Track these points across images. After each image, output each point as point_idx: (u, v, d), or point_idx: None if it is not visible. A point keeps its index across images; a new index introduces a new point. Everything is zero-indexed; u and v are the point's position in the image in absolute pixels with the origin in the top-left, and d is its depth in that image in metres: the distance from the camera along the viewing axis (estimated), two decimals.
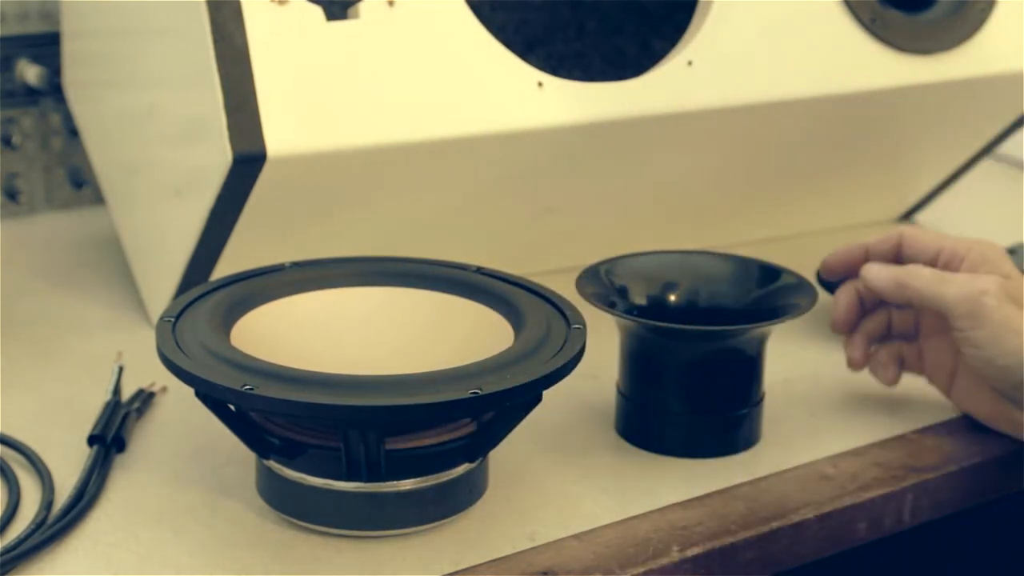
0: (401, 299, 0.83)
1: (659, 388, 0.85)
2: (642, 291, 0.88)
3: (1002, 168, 1.41)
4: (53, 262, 1.13)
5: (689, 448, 0.85)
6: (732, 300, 0.88)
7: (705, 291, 0.89)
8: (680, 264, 0.90)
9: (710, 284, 0.89)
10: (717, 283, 0.89)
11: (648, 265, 0.89)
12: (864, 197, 1.23)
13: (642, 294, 0.88)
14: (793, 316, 0.84)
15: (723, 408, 0.85)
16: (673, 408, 0.85)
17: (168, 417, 0.88)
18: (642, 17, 1.20)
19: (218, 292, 0.80)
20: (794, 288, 0.87)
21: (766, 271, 0.89)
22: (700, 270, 0.90)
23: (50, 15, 1.19)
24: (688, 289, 0.89)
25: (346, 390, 0.70)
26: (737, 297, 0.88)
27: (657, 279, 0.89)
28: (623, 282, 0.88)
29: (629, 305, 0.88)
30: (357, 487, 0.74)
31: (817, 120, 1.06)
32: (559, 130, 0.95)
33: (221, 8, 0.85)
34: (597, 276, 0.87)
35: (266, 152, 0.86)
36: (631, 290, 0.88)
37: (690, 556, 0.76)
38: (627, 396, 0.87)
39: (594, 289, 0.86)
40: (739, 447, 0.86)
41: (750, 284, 0.89)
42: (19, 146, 1.21)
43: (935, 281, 0.84)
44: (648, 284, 0.89)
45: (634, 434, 0.86)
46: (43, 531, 0.75)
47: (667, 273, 0.89)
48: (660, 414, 0.85)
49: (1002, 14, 1.09)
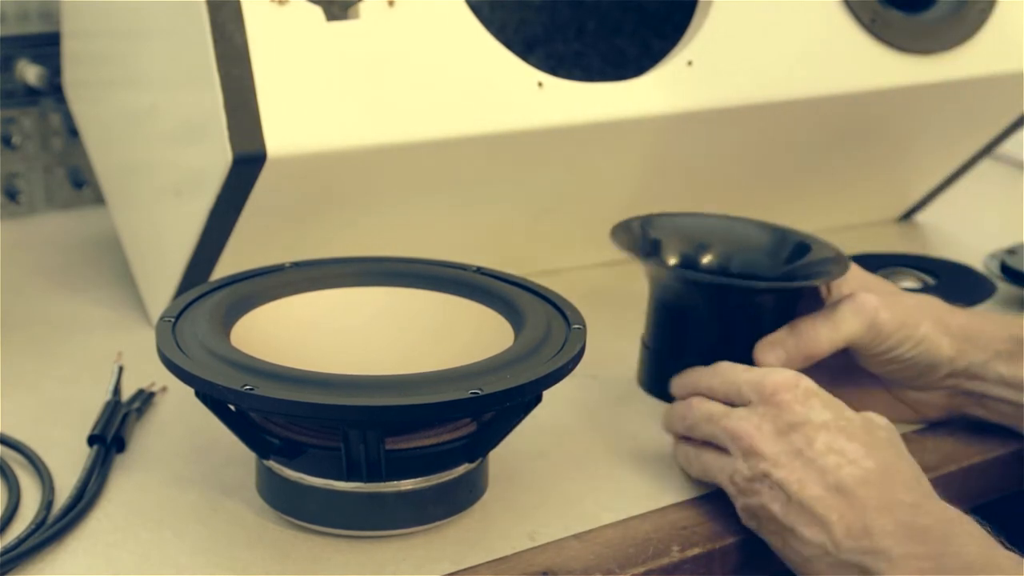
0: (401, 299, 0.83)
1: (684, 341, 0.86)
2: (676, 249, 0.89)
3: (1002, 168, 1.41)
4: (53, 262, 1.13)
5: None
6: (765, 269, 0.89)
7: (739, 257, 0.90)
8: (717, 228, 0.91)
9: (744, 251, 0.90)
10: (751, 251, 0.90)
11: (685, 225, 0.90)
12: (864, 197, 1.23)
13: (676, 252, 0.89)
14: (825, 280, 0.85)
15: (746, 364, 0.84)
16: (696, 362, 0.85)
17: (168, 417, 0.88)
18: (642, 17, 1.20)
19: (218, 292, 0.80)
20: (827, 260, 0.87)
21: (801, 244, 0.89)
22: (736, 236, 0.90)
23: (50, 15, 1.19)
24: (722, 253, 0.90)
25: (346, 390, 0.70)
26: (770, 267, 0.89)
27: (693, 239, 0.90)
28: (658, 235, 0.88)
29: (661, 261, 0.88)
30: (357, 487, 0.74)
31: (817, 120, 1.06)
32: (559, 130, 0.95)
33: (221, 8, 0.85)
34: (630, 229, 0.88)
35: (266, 152, 0.86)
36: (664, 245, 0.88)
37: (690, 556, 0.76)
38: (651, 347, 0.87)
39: (627, 239, 0.86)
40: None
41: (784, 255, 0.89)
42: (19, 146, 1.21)
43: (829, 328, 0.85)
44: (682, 243, 0.89)
45: (656, 385, 0.87)
46: (43, 531, 0.75)
47: (703, 235, 0.90)
48: (683, 366, 0.85)
49: (1002, 14, 1.09)
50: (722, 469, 0.78)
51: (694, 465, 0.81)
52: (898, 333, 0.85)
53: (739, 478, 0.77)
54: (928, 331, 0.85)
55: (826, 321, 0.84)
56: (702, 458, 0.80)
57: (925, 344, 0.85)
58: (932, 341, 0.85)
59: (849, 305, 0.84)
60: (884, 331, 0.84)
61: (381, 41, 0.89)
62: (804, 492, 0.73)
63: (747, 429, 0.77)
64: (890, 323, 0.84)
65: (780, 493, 0.74)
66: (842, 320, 0.84)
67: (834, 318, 0.84)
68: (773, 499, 0.75)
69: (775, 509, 0.75)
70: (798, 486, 0.74)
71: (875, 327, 0.84)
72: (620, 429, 0.89)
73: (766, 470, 0.75)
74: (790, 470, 0.74)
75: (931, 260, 1.12)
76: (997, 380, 0.86)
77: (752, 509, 0.76)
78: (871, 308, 0.84)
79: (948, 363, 0.86)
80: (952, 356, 0.85)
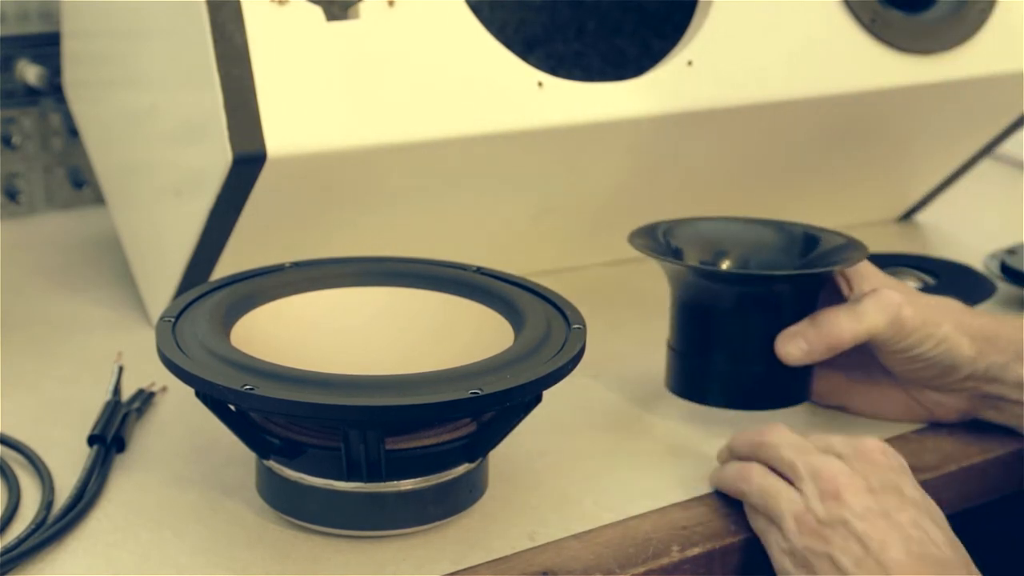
0: (401, 299, 0.83)
1: (709, 339, 0.86)
2: (695, 255, 0.89)
3: (1002, 168, 1.41)
4: (53, 262, 1.13)
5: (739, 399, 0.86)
6: (783, 266, 0.89)
7: (756, 258, 0.90)
8: (736, 232, 0.91)
9: (761, 251, 0.90)
10: (768, 250, 0.90)
11: (703, 230, 0.90)
12: (864, 197, 1.23)
13: (695, 258, 0.89)
14: (843, 266, 0.85)
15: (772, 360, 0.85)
16: (721, 360, 0.85)
17: (168, 417, 0.88)
18: (642, 17, 1.20)
19: (218, 292, 0.80)
20: (843, 248, 0.88)
21: (814, 238, 0.90)
22: (752, 238, 0.91)
23: (50, 15, 1.19)
24: (740, 255, 0.90)
25: (346, 390, 0.70)
26: (788, 263, 0.89)
27: (711, 245, 0.90)
28: (678, 243, 0.89)
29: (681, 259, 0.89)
30: (357, 487, 0.74)
31: (817, 120, 1.06)
32: (559, 130, 0.95)
33: (221, 8, 0.85)
34: (654, 234, 0.89)
35: (266, 152, 0.86)
36: (685, 252, 0.89)
37: (690, 556, 0.76)
38: (677, 349, 0.87)
39: (648, 243, 0.87)
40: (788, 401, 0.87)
41: (799, 250, 0.90)
42: (19, 146, 1.21)
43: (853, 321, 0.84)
44: (702, 250, 0.90)
45: (686, 387, 0.87)
46: (43, 531, 0.75)
47: (720, 240, 0.90)
48: (710, 365, 0.86)
49: (1002, 14, 1.09)
50: (791, 500, 0.75)
51: (753, 483, 0.77)
52: (920, 330, 0.84)
53: (810, 518, 0.73)
54: (950, 331, 0.85)
55: (849, 313, 0.84)
56: (767, 480, 0.76)
57: (947, 343, 0.85)
58: (953, 341, 0.85)
59: (873, 299, 0.84)
60: (907, 327, 0.84)
61: (381, 41, 0.89)
62: (886, 553, 0.71)
63: (836, 472, 0.74)
64: (913, 319, 0.84)
65: (857, 547, 0.72)
66: (865, 313, 0.84)
67: (857, 311, 0.84)
68: (845, 551, 0.72)
69: (844, 562, 0.72)
70: (880, 546, 0.71)
71: (898, 322, 0.84)
72: (621, 429, 0.89)
73: (847, 519, 0.73)
74: (875, 528, 0.72)
75: (931, 260, 1.12)
76: (1016, 383, 0.85)
77: (809, 552, 0.73)
78: (895, 303, 0.84)
79: (969, 364, 0.85)
80: (973, 357, 0.85)
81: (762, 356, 0.85)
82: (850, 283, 0.87)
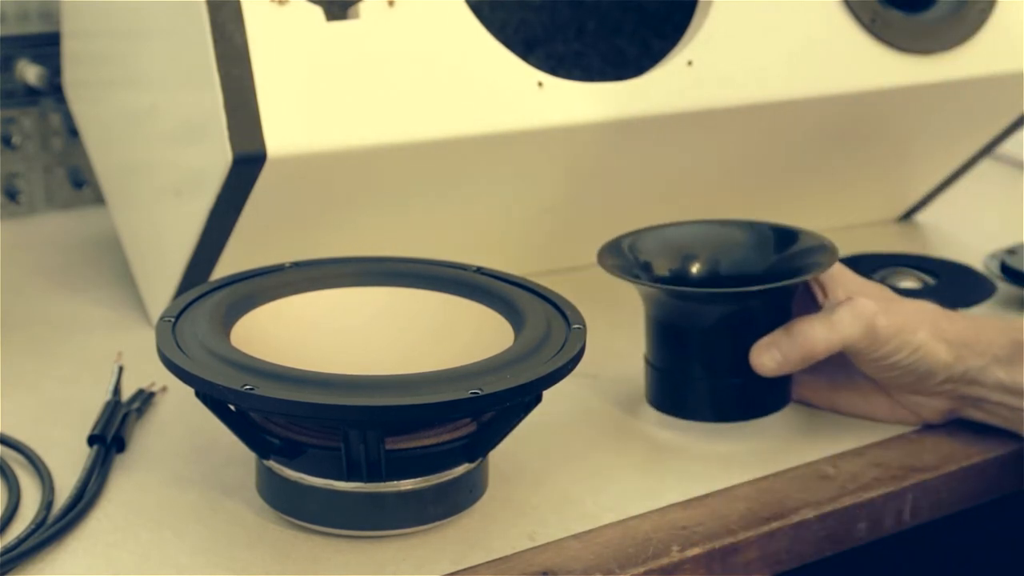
0: (401, 299, 0.83)
1: (686, 354, 0.86)
2: (664, 264, 0.89)
3: (1002, 168, 1.41)
4: (53, 262, 1.13)
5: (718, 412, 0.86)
6: (753, 266, 0.89)
7: (726, 260, 0.89)
8: (700, 234, 0.90)
9: (730, 252, 0.90)
10: (738, 250, 0.89)
11: (669, 237, 0.90)
12: (864, 197, 1.23)
13: (664, 267, 0.89)
14: (813, 274, 0.85)
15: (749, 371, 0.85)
16: (699, 374, 0.85)
17: (168, 417, 0.88)
18: (642, 17, 1.20)
19: (218, 292, 0.80)
20: (814, 250, 0.87)
21: (784, 234, 0.89)
22: (721, 239, 0.90)
23: (50, 15, 1.19)
24: (709, 259, 0.89)
25: (346, 390, 0.70)
26: (758, 263, 0.89)
27: (679, 251, 0.89)
28: (646, 256, 0.88)
29: (653, 277, 0.88)
30: (357, 487, 0.74)
31: (817, 120, 1.06)
32: (559, 130, 0.95)
33: (221, 8, 0.85)
34: (619, 250, 0.88)
35: (266, 152, 0.86)
36: (654, 264, 0.88)
37: (690, 556, 0.76)
38: (654, 365, 0.87)
39: (617, 262, 0.87)
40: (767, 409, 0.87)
41: (770, 249, 0.89)
42: (19, 146, 1.21)
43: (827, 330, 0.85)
44: (670, 258, 0.89)
45: (665, 401, 0.87)
46: (43, 531, 0.75)
47: (689, 245, 0.90)
48: (688, 380, 0.86)
49: (1002, 14, 1.09)
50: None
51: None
52: (895, 339, 0.84)
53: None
54: (925, 337, 0.84)
55: (823, 323, 0.84)
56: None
57: (922, 351, 0.85)
58: (929, 348, 0.85)
59: (848, 308, 0.84)
60: (881, 336, 0.84)
61: (381, 41, 0.89)
62: None
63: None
64: (887, 329, 0.84)
65: None
66: (839, 322, 0.84)
67: (831, 320, 0.84)
68: None
69: None
70: None
71: (872, 332, 0.84)
72: (620, 429, 0.89)
73: None
74: None
75: (931, 260, 1.12)
76: (995, 385, 0.85)
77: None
78: (869, 312, 0.83)
79: (945, 369, 0.85)
80: (949, 362, 0.85)
81: (738, 368, 0.84)
82: (824, 289, 0.87)
